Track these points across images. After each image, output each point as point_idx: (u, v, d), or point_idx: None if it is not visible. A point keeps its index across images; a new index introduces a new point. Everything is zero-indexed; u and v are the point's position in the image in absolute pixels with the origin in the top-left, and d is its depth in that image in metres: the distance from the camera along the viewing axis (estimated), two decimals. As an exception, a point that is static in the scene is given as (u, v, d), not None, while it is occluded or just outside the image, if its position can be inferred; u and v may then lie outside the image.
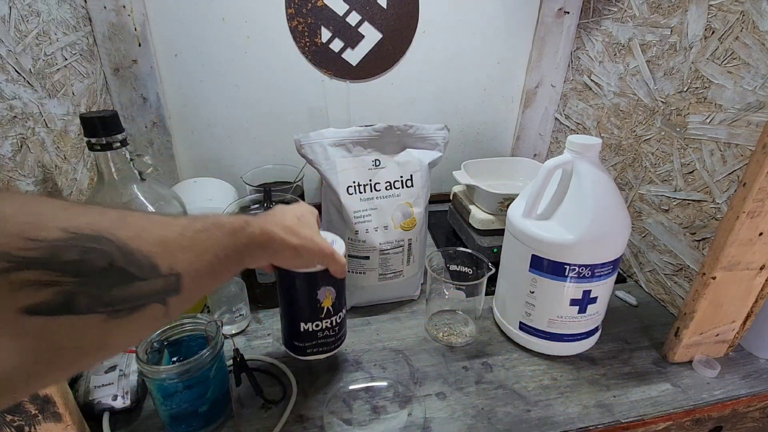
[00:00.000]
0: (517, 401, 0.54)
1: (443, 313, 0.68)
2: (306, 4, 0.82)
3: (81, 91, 0.68)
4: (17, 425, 0.40)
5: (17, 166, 0.51)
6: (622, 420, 0.52)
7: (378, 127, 0.64)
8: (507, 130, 1.05)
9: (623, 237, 0.54)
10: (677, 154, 0.68)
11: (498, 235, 0.77)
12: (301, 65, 0.88)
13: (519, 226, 0.57)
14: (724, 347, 0.61)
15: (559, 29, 0.92)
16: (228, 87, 0.87)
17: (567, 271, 0.54)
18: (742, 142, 0.58)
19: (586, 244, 0.52)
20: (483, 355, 0.61)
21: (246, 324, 0.65)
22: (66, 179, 0.62)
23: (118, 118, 0.53)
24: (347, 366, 0.59)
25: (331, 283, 0.50)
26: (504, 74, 0.98)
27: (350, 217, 0.63)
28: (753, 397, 0.56)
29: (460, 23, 0.90)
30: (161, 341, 0.49)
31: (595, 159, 0.54)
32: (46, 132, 0.58)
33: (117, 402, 0.49)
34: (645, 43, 0.72)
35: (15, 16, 0.53)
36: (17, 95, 0.53)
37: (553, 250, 0.54)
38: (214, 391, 0.48)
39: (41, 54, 0.58)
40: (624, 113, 0.78)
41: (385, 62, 0.91)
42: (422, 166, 0.66)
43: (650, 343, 0.64)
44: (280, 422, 0.50)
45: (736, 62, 0.58)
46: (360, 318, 0.68)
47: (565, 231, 0.53)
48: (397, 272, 0.68)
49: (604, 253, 0.53)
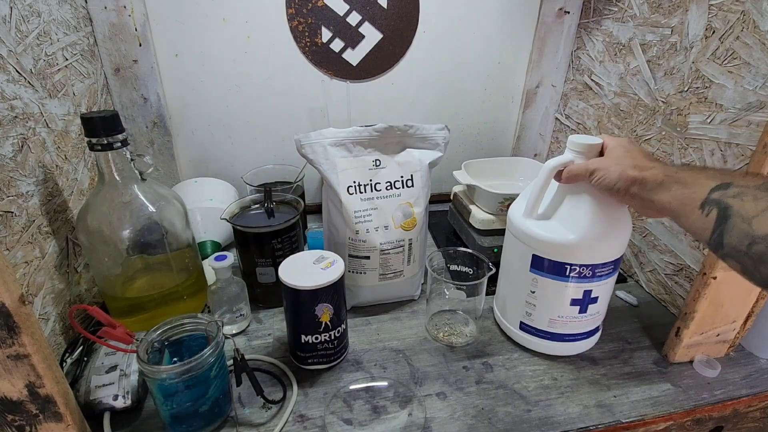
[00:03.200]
0: (518, 401, 0.54)
1: (444, 313, 0.68)
2: (306, 4, 0.82)
3: (82, 91, 0.69)
4: (18, 425, 0.40)
5: (18, 166, 0.51)
6: (622, 420, 0.52)
7: (378, 127, 0.64)
8: (507, 130, 1.05)
9: (624, 237, 0.54)
10: (678, 153, 0.68)
11: (498, 235, 0.77)
12: (301, 65, 0.88)
13: (520, 225, 0.57)
14: (725, 347, 0.61)
15: (560, 29, 0.92)
16: (228, 87, 0.87)
17: (568, 271, 0.54)
18: (742, 142, 0.58)
19: (586, 244, 0.52)
20: (483, 355, 0.61)
21: (247, 324, 0.65)
22: (67, 179, 0.62)
23: (118, 118, 0.53)
24: (348, 366, 0.59)
25: (329, 300, 0.53)
26: (504, 74, 0.98)
27: (351, 217, 0.63)
28: (754, 397, 0.56)
29: (461, 23, 0.90)
30: (162, 341, 0.49)
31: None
32: (46, 132, 0.58)
33: (118, 402, 0.49)
34: (645, 43, 0.72)
35: (16, 16, 0.53)
36: (18, 95, 0.53)
37: (553, 250, 0.54)
38: (214, 391, 0.48)
39: (42, 54, 0.58)
40: (624, 113, 0.78)
41: (385, 62, 0.91)
42: (422, 166, 0.66)
43: (651, 343, 0.64)
44: (280, 422, 0.50)
45: (736, 62, 0.58)
46: (360, 318, 0.68)
47: (566, 231, 0.53)
48: (398, 272, 0.68)
49: (605, 252, 0.53)
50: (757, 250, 0.32)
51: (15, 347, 0.36)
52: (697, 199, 0.38)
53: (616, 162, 0.47)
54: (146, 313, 0.61)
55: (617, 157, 0.48)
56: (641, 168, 0.45)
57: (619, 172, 0.46)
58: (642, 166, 0.45)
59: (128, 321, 0.60)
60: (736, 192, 0.35)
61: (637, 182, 0.44)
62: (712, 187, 0.37)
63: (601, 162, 0.49)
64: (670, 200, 0.41)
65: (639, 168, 0.45)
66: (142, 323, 0.59)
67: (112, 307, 0.61)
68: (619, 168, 0.46)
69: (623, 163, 0.47)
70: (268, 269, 0.66)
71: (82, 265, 0.64)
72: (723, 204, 0.35)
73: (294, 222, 0.66)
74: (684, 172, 0.41)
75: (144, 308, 0.61)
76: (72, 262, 0.61)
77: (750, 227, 0.32)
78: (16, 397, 0.39)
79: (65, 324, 0.57)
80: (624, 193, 0.46)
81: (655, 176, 0.43)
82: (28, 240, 0.52)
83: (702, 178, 0.39)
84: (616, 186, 0.46)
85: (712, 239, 0.36)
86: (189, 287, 0.64)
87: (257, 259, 0.65)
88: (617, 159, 0.48)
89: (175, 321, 0.49)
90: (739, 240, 0.33)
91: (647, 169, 0.44)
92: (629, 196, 0.46)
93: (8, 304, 0.35)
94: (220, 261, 0.60)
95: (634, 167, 0.45)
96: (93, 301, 0.66)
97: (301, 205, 0.69)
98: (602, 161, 0.49)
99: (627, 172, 0.45)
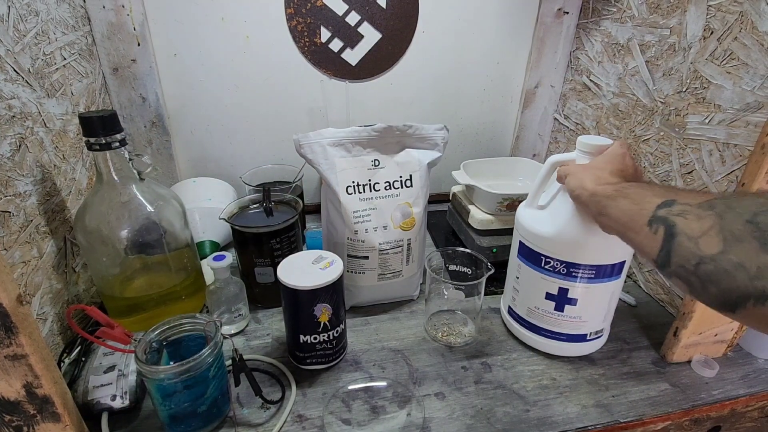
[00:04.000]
0: (516, 401, 0.54)
1: (442, 313, 0.68)
2: (305, 3, 0.82)
3: (80, 91, 0.68)
4: (16, 425, 0.40)
5: (16, 166, 0.51)
6: (620, 420, 0.52)
7: (377, 127, 0.64)
8: (506, 130, 1.05)
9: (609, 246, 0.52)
10: (676, 154, 0.68)
11: (497, 235, 0.77)
12: (300, 65, 0.88)
13: (518, 213, 0.60)
14: (723, 347, 0.61)
15: (559, 29, 0.92)
16: (227, 87, 0.87)
17: (543, 262, 0.55)
18: (740, 142, 0.58)
19: (561, 240, 0.53)
20: (482, 355, 0.61)
21: (245, 324, 0.65)
22: (65, 179, 0.62)
23: (116, 117, 0.53)
24: (346, 366, 0.59)
25: (327, 300, 0.53)
26: (503, 74, 0.98)
27: (349, 217, 0.63)
28: (751, 397, 0.56)
29: (460, 23, 0.90)
30: (160, 341, 0.49)
31: None
32: (44, 132, 0.58)
33: (116, 402, 0.49)
34: (644, 44, 0.73)
35: (14, 15, 0.53)
36: (16, 95, 0.52)
37: (533, 238, 0.56)
38: (213, 391, 0.48)
39: (40, 53, 0.58)
40: (623, 113, 0.79)
41: (384, 62, 0.91)
42: (421, 166, 0.66)
43: (649, 343, 0.64)
44: (279, 422, 0.50)
45: (734, 62, 0.58)
46: (359, 318, 0.68)
47: (549, 224, 0.55)
48: (397, 272, 0.68)
49: (582, 254, 0.53)
50: (705, 269, 0.31)
51: (12, 347, 0.36)
52: (645, 215, 0.37)
53: (584, 171, 0.48)
54: (144, 313, 0.61)
55: (591, 167, 0.48)
56: (600, 181, 0.45)
57: (580, 180, 0.46)
58: (602, 179, 0.45)
59: (126, 321, 0.60)
60: (680, 210, 0.35)
61: (591, 194, 0.45)
62: (658, 203, 0.37)
63: (575, 167, 0.49)
64: (618, 215, 0.41)
65: (598, 181, 0.45)
66: (141, 323, 0.59)
67: (111, 307, 0.61)
68: (581, 176, 0.47)
69: (588, 174, 0.47)
70: (267, 269, 0.66)
71: (80, 264, 0.64)
72: (669, 222, 0.35)
73: (293, 222, 0.66)
74: (633, 189, 0.41)
75: (142, 308, 0.61)
76: (70, 262, 0.61)
77: (697, 247, 0.32)
78: (14, 398, 0.38)
79: (63, 324, 0.57)
80: (581, 203, 0.47)
81: (605, 190, 0.43)
82: (26, 240, 0.52)
83: (649, 194, 0.39)
84: (575, 193, 0.47)
85: (659, 257, 0.35)
86: (187, 287, 0.64)
87: (256, 259, 0.65)
88: (589, 168, 0.48)
89: (173, 321, 0.49)
90: (686, 259, 0.32)
91: (603, 184, 0.44)
92: (585, 206, 0.46)
93: (6, 304, 0.35)
94: (218, 261, 0.60)
95: (595, 179, 0.45)
96: (91, 301, 0.66)
97: (299, 205, 0.69)
98: (576, 167, 0.49)
99: (585, 182, 0.46)
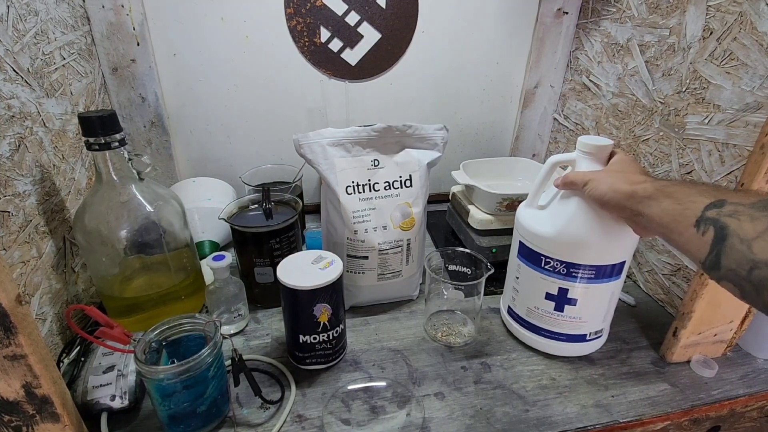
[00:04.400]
0: (516, 401, 0.54)
1: (442, 313, 0.68)
2: (305, 3, 0.82)
3: (79, 91, 0.68)
4: (15, 425, 0.40)
5: (15, 166, 0.51)
6: (620, 420, 0.52)
7: (377, 127, 0.64)
8: (506, 130, 1.05)
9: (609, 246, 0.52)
10: (675, 154, 0.68)
11: (497, 235, 0.77)
12: (300, 65, 0.88)
13: (518, 213, 0.60)
14: (722, 347, 0.61)
15: (558, 30, 0.92)
16: (227, 86, 0.87)
17: (543, 262, 0.55)
18: (740, 142, 0.58)
19: (561, 240, 0.53)
20: (481, 355, 0.61)
21: (245, 324, 0.65)
22: (64, 179, 0.62)
23: (116, 117, 0.53)
24: (346, 366, 0.59)
25: (327, 300, 0.53)
26: (503, 74, 0.98)
27: (349, 217, 0.63)
28: (750, 396, 0.56)
29: (460, 23, 0.90)
30: (159, 341, 0.49)
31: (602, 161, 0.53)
32: (44, 131, 0.58)
33: (115, 402, 0.49)
34: (643, 44, 0.73)
35: (13, 15, 0.53)
36: (15, 94, 0.52)
37: (531, 238, 0.56)
38: (212, 391, 0.48)
39: (39, 53, 0.58)
40: (622, 113, 0.79)
41: (384, 62, 0.91)
42: (421, 166, 0.66)
43: (648, 343, 0.64)
44: (278, 422, 0.50)
45: (734, 63, 0.58)
46: (359, 318, 0.68)
47: (549, 224, 0.54)
48: (396, 272, 0.68)
49: (582, 254, 0.53)
50: (759, 275, 0.30)
51: (12, 347, 0.36)
52: (690, 216, 0.36)
53: (609, 175, 0.48)
54: (144, 313, 0.61)
55: (612, 171, 0.48)
56: (633, 182, 0.44)
57: (610, 184, 0.46)
58: (634, 180, 0.45)
59: (126, 321, 0.60)
60: (732, 210, 0.33)
61: (627, 195, 0.44)
62: (706, 204, 0.36)
63: (596, 173, 0.49)
64: (660, 215, 0.40)
65: (630, 182, 0.45)
66: (140, 323, 0.59)
67: (110, 307, 0.61)
68: (610, 180, 0.46)
69: (616, 177, 0.46)
70: (267, 269, 0.66)
71: (79, 264, 0.64)
72: (719, 223, 0.34)
73: (292, 222, 0.66)
74: (675, 187, 0.40)
75: (142, 308, 0.60)
76: (69, 262, 0.61)
77: (750, 250, 0.31)
78: (13, 398, 0.38)
79: (62, 324, 0.57)
80: (614, 206, 0.46)
81: (645, 189, 0.42)
82: (25, 240, 0.51)
83: (694, 194, 0.38)
84: (605, 197, 0.46)
85: (708, 260, 0.34)
86: (187, 287, 0.64)
87: (255, 259, 0.65)
88: (612, 172, 0.48)
89: (172, 321, 0.49)
90: (739, 264, 0.32)
91: (638, 183, 0.44)
92: (619, 209, 0.46)
93: (5, 304, 0.35)
94: (218, 261, 0.60)
95: (626, 181, 0.45)
96: (90, 301, 0.66)
97: (299, 205, 0.69)
98: (597, 173, 0.49)
99: (617, 185, 0.45)
